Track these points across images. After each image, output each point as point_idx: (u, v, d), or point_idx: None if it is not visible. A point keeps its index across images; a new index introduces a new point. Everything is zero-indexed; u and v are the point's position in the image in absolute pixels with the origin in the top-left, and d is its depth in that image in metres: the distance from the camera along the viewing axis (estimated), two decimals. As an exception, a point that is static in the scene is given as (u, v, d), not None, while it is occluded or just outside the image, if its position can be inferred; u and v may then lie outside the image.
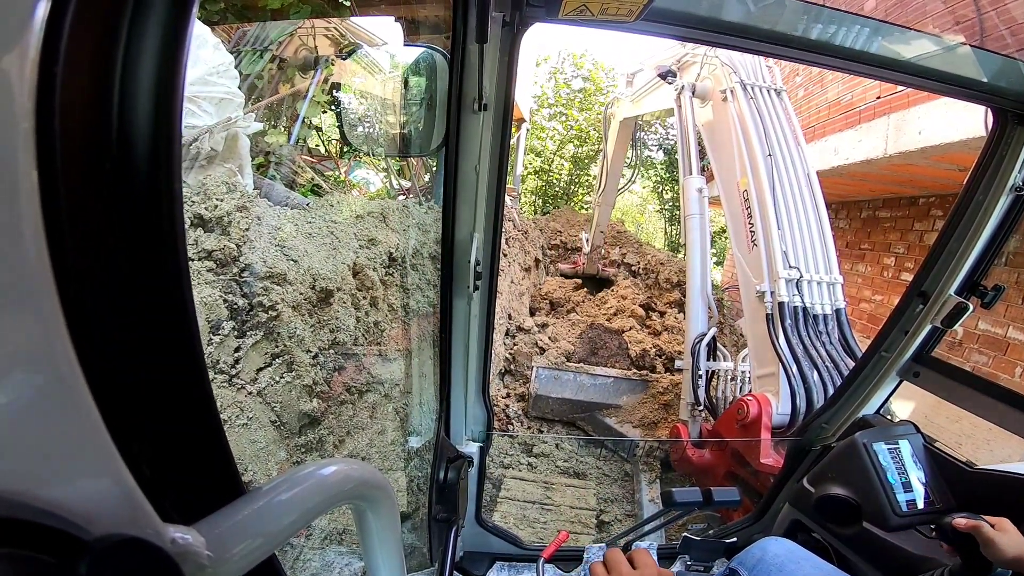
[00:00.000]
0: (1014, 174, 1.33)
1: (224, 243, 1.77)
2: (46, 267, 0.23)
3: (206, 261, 1.73)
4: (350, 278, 2.20)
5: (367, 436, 2.19)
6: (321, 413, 1.93)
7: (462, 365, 1.50)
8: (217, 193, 1.88)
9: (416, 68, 1.30)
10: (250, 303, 1.77)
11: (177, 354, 0.35)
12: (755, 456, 3.00)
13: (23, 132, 0.22)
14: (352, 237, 2.32)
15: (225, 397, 1.66)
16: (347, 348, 2.13)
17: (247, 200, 1.95)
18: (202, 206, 1.82)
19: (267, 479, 1.75)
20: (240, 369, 1.72)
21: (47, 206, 0.23)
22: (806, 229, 3.55)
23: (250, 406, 1.71)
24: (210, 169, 2.13)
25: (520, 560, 1.89)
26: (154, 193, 0.31)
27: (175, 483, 0.37)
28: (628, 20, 0.91)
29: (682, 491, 1.28)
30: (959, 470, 1.49)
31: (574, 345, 5.53)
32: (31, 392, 0.23)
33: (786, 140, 3.77)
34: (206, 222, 1.80)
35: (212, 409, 0.40)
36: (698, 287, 4.18)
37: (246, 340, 1.74)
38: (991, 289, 1.43)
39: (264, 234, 1.95)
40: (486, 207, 1.27)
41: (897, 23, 1.11)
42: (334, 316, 2.06)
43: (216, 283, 1.72)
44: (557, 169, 13.12)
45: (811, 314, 3.33)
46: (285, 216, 2.18)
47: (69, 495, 0.25)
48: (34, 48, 0.22)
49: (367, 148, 3.74)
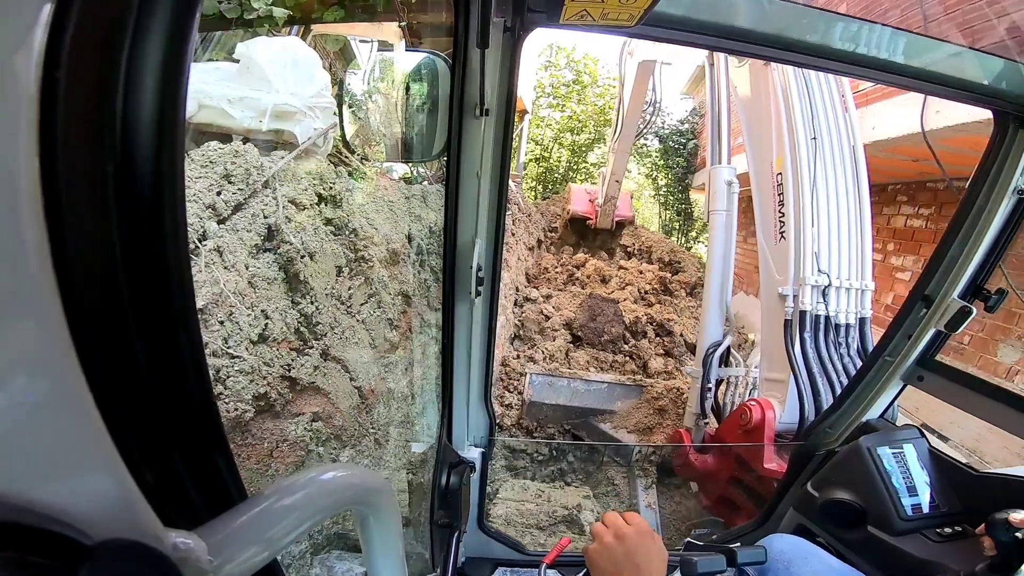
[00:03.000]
0: (1016, 177, 1.32)
1: (338, 213, 2.44)
2: (48, 270, 0.23)
3: (328, 226, 2.37)
4: (407, 243, 2.85)
5: (420, 369, 2.77)
6: (396, 342, 2.61)
7: (464, 371, 1.50)
8: (330, 178, 2.45)
9: (418, 73, 1.30)
10: (355, 256, 2.44)
11: (180, 358, 0.35)
12: (758, 461, 2.98)
13: (26, 136, 0.22)
14: (405, 213, 3.04)
15: (343, 321, 2.25)
16: (408, 296, 2.71)
17: (349, 183, 2.64)
18: (321, 187, 2.38)
19: (355, 408, 2.15)
20: (352, 302, 2.34)
21: (50, 209, 0.23)
22: (844, 227, 3.11)
23: (358, 330, 2.34)
24: (316, 161, 2.66)
25: (522, 566, 1.88)
26: (157, 197, 0.31)
27: (177, 488, 0.37)
28: (629, 25, 0.91)
29: (704, 561, 1.17)
30: (964, 474, 1.48)
31: (575, 313, 6.01)
32: (34, 396, 0.23)
33: (836, 123, 3.25)
34: (325, 199, 2.41)
35: (215, 414, 0.39)
36: (716, 294, 3.86)
37: (354, 282, 2.41)
38: (995, 293, 1.43)
39: (356, 207, 2.62)
40: (488, 213, 1.27)
41: (898, 27, 1.11)
42: (400, 271, 2.73)
43: (336, 241, 2.36)
44: (556, 157, 14.03)
45: (833, 323, 3.03)
46: (362, 194, 2.88)
47: (71, 499, 0.25)
48: (37, 51, 0.22)
49: (367, 153, 3.85)
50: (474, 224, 1.25)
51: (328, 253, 2.23)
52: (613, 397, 4.98)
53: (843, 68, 1.16)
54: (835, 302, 3.03)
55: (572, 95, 13.60)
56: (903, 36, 1.12)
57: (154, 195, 0.31)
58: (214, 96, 2.31)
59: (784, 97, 3.20)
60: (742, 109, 3.71)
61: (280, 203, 1.97)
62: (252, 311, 1.64)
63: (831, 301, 3.02)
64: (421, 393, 2.63)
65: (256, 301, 1.68)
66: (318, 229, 2.19)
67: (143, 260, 0.31)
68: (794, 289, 3.04)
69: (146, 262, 0.31)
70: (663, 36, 1.05)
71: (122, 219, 0.29)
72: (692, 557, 1.15)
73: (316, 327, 1.99)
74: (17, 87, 0.22)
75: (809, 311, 2.99)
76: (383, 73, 4.19)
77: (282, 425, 1.73)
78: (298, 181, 2.25)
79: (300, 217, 2.13)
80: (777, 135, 3.23)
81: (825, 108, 3.24)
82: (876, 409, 1.70)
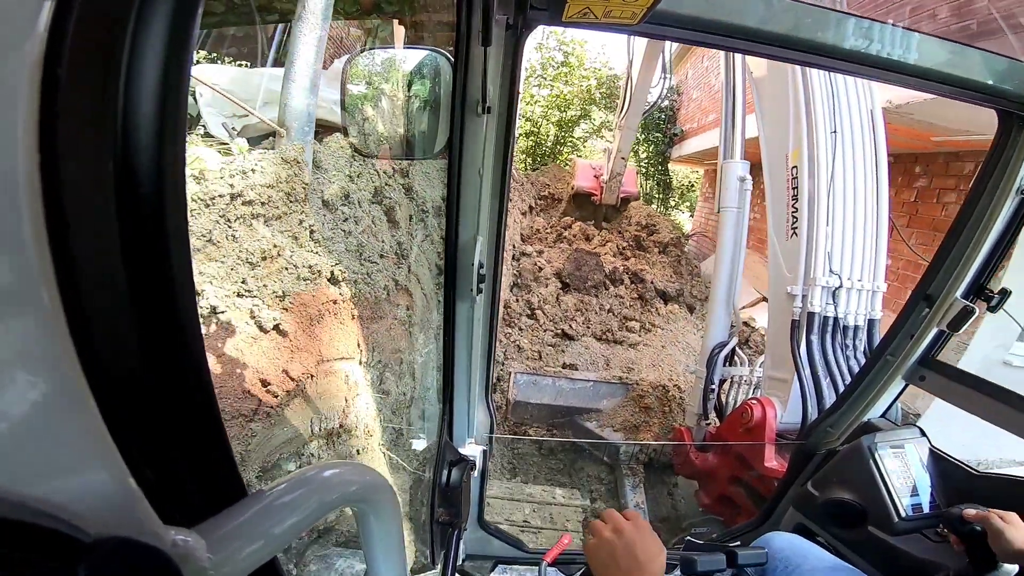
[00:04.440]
0: (1020, 176, 1.32)
1: (407, 180, 3.20)
2: (48, 268, 0.23)
3: (402, 188, 3.14)
4: (441, 204, 3.46)
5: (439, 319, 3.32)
6: (435, 288, 3.32)
7: (465, 368, 1.50)
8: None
9: (420, 71, 1.30)
10: (416, 208, 3.24)
11: (180, 355, 0.35)
12: (759, 460, 2.98)
13: (27, 133, 0.22)
14: (439, 182, 3.60)
15: (414, 250, 3.08)
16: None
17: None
18: (395, 163, 3.15)
19: (395, 355, 2.68)
20: (416, 239, 3.13)
21: (50, 207, 0.23)
22: (860, 226, 2.98)
23: (421, 258, 3.15)
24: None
25: (522, 563, 1.89)
26: (158, 194, 0.31)
27: (176, 485, 0.37)
28: (632, 24, 0.91)
29: (705, 559, 1.16)
30: (965, 474, 1.48)
31: (563, 265, 7.03)
32: (33, 393, 0.23)
33: (860, 116, 3.07)
34: (398, 171, 3.14)
35: (214, 410, 0.40)
36: (723, 296, 3.75)
37: (417, 226, 3.22)
38: (997, 293, 1.42)
39: (413, 177, 3.32)
40: (490, 210, 1.27)
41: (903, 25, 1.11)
42: (440, 224, 3.34)
43: (407, 198, 3.14)
44: (544, 131, 15.12)
45: (841, 325, 2.96)
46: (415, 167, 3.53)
47: (70, 496, 0.25)
48: (38, 49, 0.22)
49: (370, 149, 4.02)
50: (476, 221, 1.25)
51: (404, 206, 3.12)
52: (599, 396, 4.98)
53: (848, 67, 1.15)
54: (845, 304, 2.96)
55: (561, 76, 14.69)
56: (909, 35, 1.12)
57: (155, 192, 0.31)
58: (325, 99, 2.92)
59: (805, 87, 3.03)
60: (757, 95, 3.55)
61: (379, 172, 2.95)
62: (376, 237, 2.70)
63: (841, 303, 2.95)
64: (437, 336, 3.15)
65: (376, 231, 2.72)
66: (396, 189, 3.08)
67: (144, 257, 0.31)
68: (804, 289, 2.95)
69: (147, 259, 0.31)
70: (666, 35, 1.05)
71: (123, 217, 0.29)
72: (692, 555, 1.15)
73: (404, 251, 2.99)
74: (18, 84, 0.22)
75: (818, 313, 2.91)
76: (386, 70, 4.29)
77: (391, 308, 2.72)
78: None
79: (390, 181, 3.08)
80: (795, 126, 3.06)
81: (849, 102, 3.08)
82: (878, 408, 1.70)
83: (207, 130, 3.00)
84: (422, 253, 3.27)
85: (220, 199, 1.85)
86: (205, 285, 1.67)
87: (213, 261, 1.76)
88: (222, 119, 3.03)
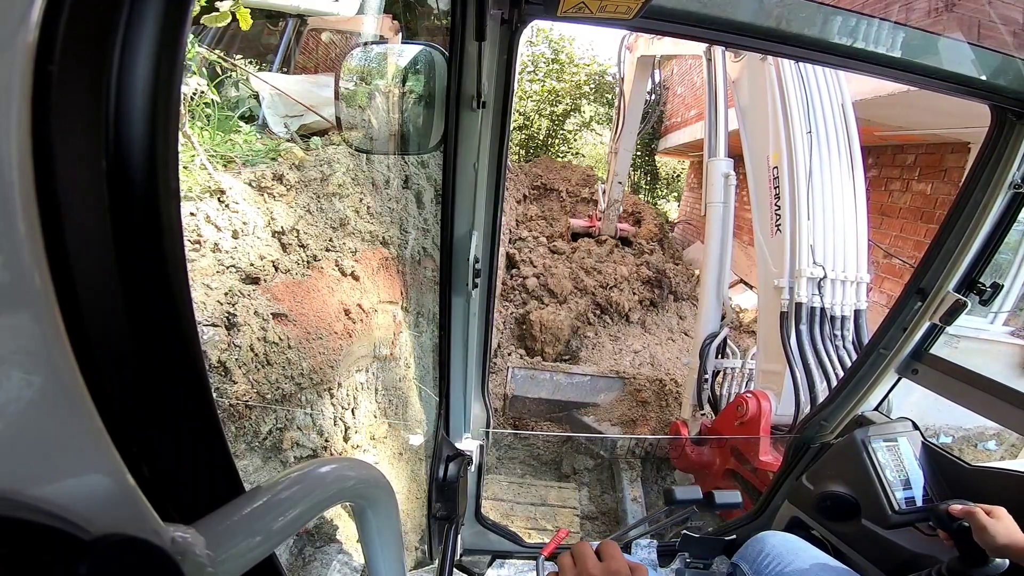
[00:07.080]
0: (1012, 171, 1.33)
1: (421, 167, 3.61)
2: (43, 266, 0.23)
3: (425, 175, 3.63)
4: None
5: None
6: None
7: (461, 363, 1.50)
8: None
9: (414, 66, 1.29)
10: (437, 192, 3.59)
11: (176, 352, 0.35)
12: (754, 454, 3.00)
13: (19, 131, 0.22)
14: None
15: (435, 226, 3.47)
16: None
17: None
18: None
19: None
20: (435, 223, 3.52)
21: (44, 205, 0.23)
22: (840, 220, 3.17)
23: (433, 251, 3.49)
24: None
25: (519, 557, 1.89)
26: (152, 192, 0.31)
27: (174, 482, 0.37)
28: (627, 18, 0.90)
29: (683, 489, 1.27)
30: (958, 467, 1.49)
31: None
32: (29, 391, 0.23)
33: (832, 115, 3.30)
34: (420, 162, 3.60)
35: (211, 407, 0.39)
36: (713, 287, 3.90)
37: (437, 207, 3.51)
38: (989, 286, 1.44)
39: (432, 166, 3.76)
40: (485, 205, 1.27)
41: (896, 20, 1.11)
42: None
43: (427, 183, 3.65)
44: (536, 125, 15.60)
45: (828, 315, 3.10)
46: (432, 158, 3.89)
47: (68, 495, 0.25)
48: (30, 45, 0.22)
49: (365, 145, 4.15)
50: (471, 216, 1.25)
51: (427, 191, 3.61)
52: (596, 390, 5.01)
53: (841, 62, 1.16)
54: (831, 294, 3.10)
55: (552, 73, 15.05)
56: (901, 30, 1.12)
57: (149, 190, 0.30)
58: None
59: (781, 92, 3.26)
60: (739, 104, 3.75)
61: (407, 162, 3.40)
62: (408, 213, 3.26)
63: (827, 293, 3.08)
64: (431, 320, 3.43)
65: (408, 209, 3.30)
66: (421, 177, 3.56)
67: (138, 254, 0.31)
68: (790, 281, 3.10)
69: (141, 257, 0.31)
70: (661, 29, 1.05)
71: (117, 214, 0.29)
72: (673, 488, 1.32)
73: (428, 226, 3.52)
74: (10, 81, 0.21)
75: (805, 303, 3.04)
76: (381, 65, 4.33)
77: (421, 270, 3.33)
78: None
79: (416, 171, 3.57)
80: (774, 130, 3.28)
81: (822, 101, 3.27)
82: (871, 402, 1.71)
83: (268, 127, 3.35)
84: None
85: (314, 181, 2.53)
86: (309, 241, 2.31)
87: (313, 226, 2.40)
88: (280, 118, 3.34)
